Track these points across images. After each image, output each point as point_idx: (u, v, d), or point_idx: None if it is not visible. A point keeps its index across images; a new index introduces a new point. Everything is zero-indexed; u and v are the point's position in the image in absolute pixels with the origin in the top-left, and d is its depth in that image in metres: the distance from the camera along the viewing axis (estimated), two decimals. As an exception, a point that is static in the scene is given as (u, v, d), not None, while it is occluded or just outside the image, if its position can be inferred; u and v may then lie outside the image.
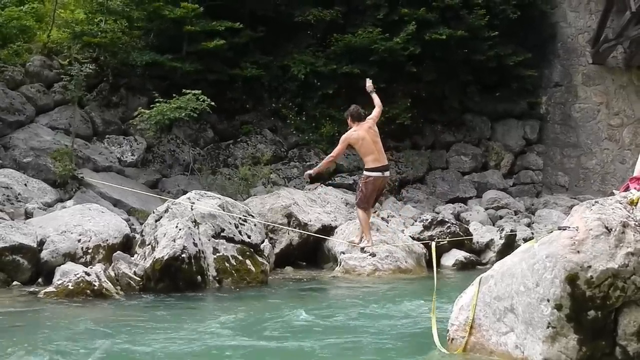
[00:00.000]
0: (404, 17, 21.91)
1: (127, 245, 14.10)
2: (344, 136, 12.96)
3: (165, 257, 12.35)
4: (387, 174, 12.93)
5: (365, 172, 12.78)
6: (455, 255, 16.81)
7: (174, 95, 18.68)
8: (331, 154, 13.13)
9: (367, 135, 12.68)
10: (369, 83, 13.67)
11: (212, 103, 18.62)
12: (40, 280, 13.04)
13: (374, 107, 13.40)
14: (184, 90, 18.57)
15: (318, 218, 16.47)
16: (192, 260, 12.55)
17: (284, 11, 22.23)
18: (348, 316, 10.48)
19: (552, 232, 7.53)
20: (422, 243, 15.89)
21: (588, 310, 6.91)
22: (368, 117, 12.96)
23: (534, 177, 24.31)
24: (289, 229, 15.91)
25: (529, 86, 24.33)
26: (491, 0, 22.88)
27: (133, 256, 13.24)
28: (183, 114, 18.47)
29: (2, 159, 17.61)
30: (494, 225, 20.12)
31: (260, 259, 13.89)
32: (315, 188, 19.01)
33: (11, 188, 16.40)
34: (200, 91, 18.58)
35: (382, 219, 17.37)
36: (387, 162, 13.03)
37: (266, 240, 14.81)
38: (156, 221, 13.63)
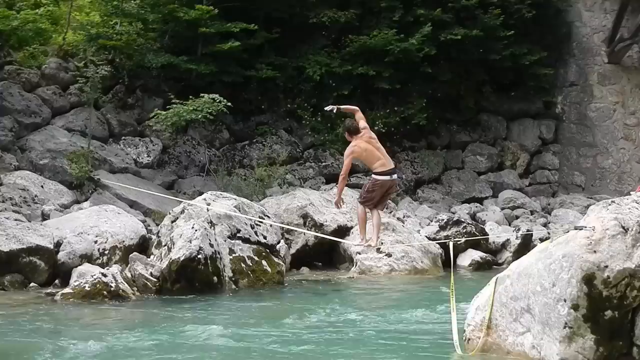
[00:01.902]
0: (419, 18, 21.89)
1: (143, 246, 14.12)
2: (347, 152, 13.07)
3: (182, 258, 12.37)
4: (394, 176, 13.02)
5: (374, 176, 12.87)
6: (472, 255, 16.79)
7: (190, 97, 18.73)
8: (342, 173, 13.26)
9: (369, 146, 12.80)
10: (329, 108, 13.81)
11: (229, 103, 18.68)
12: (57, 281, 13.08)
13: (354, 115, 13.52)
14: (201, 94, 18.63)
15: (334, 218, 16.46)
16: (208, 261, 12.57)
17: (298, 12, 22.19)
18: (363, 319, 10.45)
19: (568, 231, 7.52)
20: (439, 243, 15.87)
21: (605, 310, 6.90)
22: (361, 128, 13.06)
23: (550, 176, 24.23)
24: (302, 230, 15.86)
25: (545, 84, 24.22)
26: (506, 0, 22.82)
27: (149, 257, 13.27)
28: (199, 116, 18.53)
29: (19, 161, 17.68)
30: (510, 225, 20.09)
31: (276, 259, 13.92)
32: (331, 188, 19.02)
33: (28, 190, 16.47)
34: (217, 95, 18.62)
35: (398, 219, 17.36)
36: (393, 166, 13.11)
37: (282, 241, 14.82)
38: (172, 222, 13.66)
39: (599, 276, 6.88)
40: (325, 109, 13.80)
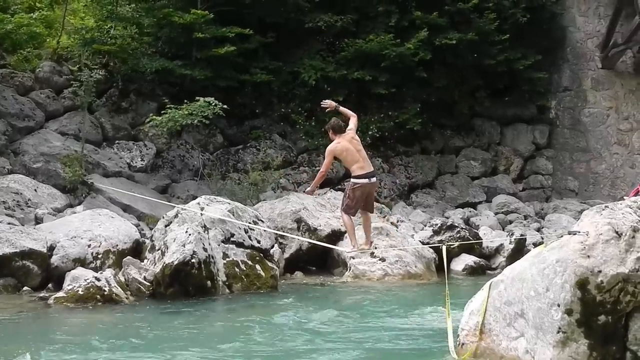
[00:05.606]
0: (415, 21, 21.89)
1: (137, 250, 14.11)
2: (328, 149, 13.00)
3: (175, 262, 12.36)
4: (373, 180, 12.95)
5: (352, 180, 12.81)
6: (465, 260, 16.80)
7: (185, 101, 18.70)
8: (321, 170, 13.15)
9: (351, 145, 12.74)
10: (327, 102, 13.73)
11: (225, 106, 18.64)
12: (50, 285, 13.07)
13: (348, 119, 13.48)
14: (196, 97, 18.60)
15: (328, 223, 16.46)
16: (202, 265, 12.56)
17: (293, 17, 22.19)
18: (356, 325, 10.45)
19: (562, 236, 7.52)
20: (432, 247, 15.86)
21: (598, 315, 6.90)
22: (347, 129, 13.04)
23: (544, 181, 24.27)
24: (294, 236, 15.77)
25: (539, 88, 24.24)
26: (501, 4, 22.85)
27: (143, 261, 13.26)
28: (195, 120, 18.50)
29: (12, 165, 17.66)
30: (503, 230, 20.11)
31: (270, 263, 13.90)
32: (324, 193, 19.02)
33: (21, 193, 16.43)
34: (212, 98, 18.59)
35: (392, 223, 17.36)
36: (372, 169, 13.05)
37: (276, 245, 14.80)
38: (166, 226, 13.64)
39: (593, 281, 6.89)
40: (323, 103, 13.67)
